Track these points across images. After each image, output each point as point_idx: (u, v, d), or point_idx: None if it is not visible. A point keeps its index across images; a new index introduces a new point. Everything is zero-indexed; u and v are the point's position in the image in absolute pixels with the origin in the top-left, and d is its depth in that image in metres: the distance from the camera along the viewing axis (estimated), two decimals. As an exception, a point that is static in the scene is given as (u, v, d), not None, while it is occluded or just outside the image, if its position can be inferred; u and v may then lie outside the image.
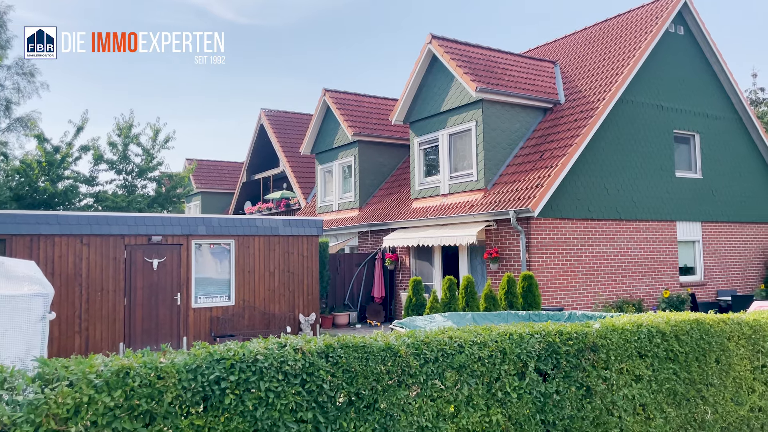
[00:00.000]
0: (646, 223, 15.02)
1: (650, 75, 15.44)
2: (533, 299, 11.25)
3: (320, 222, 14.81)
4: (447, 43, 16.14)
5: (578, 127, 14.00)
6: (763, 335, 5.82)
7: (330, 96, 20.34)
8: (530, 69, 16.93)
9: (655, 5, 16.56)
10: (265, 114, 26.48)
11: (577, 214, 13.80)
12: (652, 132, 15.33)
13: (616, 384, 4.74)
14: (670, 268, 15.35)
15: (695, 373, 5.22)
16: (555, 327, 4.66)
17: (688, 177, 15.97)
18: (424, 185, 16.57)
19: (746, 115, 17.24)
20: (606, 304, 13.99)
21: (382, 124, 20.05)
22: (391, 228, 17.20)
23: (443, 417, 3.95)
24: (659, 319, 5.18)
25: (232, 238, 13.52)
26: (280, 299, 13.97)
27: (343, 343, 3.65)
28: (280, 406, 3.36)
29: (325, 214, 20.87)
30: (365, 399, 3.65)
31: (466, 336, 4.24)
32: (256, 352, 3.38)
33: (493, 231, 14.02)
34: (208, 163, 34.00)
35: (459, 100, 15.35)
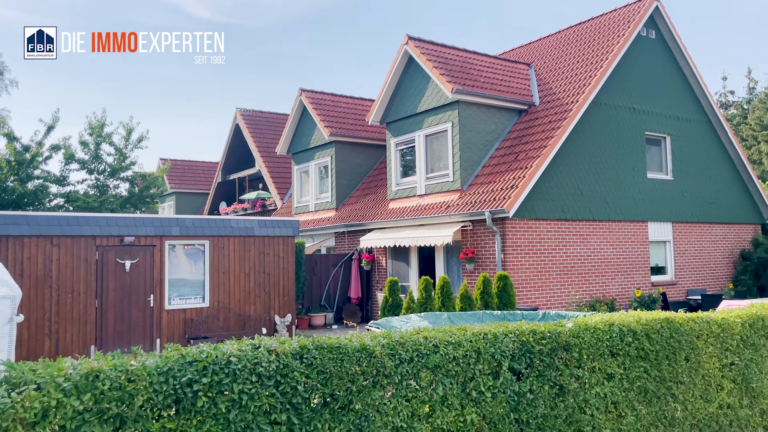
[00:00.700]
0: (619, 223, 15.26)
1: (623, 78, 15.69)
2: (508, 299, 11.34)
3: (296, 222, 14.74)
4: (423, 44, 16.20)
5: (552, 128, 14.16)
6: (731, 334, 5.95)
7: (306, 96, 20.26)
8: (505, 71, 17.07)
9: (627, 9, 16.84)
10: (240, 114, 26.28)
11: (551, 214, 13.96)
12: (624, 134, 15.57)
13: (588, 382, 4.80)
14: (642, 268, 15.61)
15: (665, 371, 5.31)
16: (529, 326, 4.70)
17: (659, 178, 16.26)
18: (401, 186, 16.60)
19: (716, 117, 17.61)
20: (579, 303, 14.17)
21: (359, 124, 20.04)
22: (368, 228, 17.20)
23: (418, 417, 3.96)
24: (630, 318, 5.26)
25: (207, 239, 13.38)
26: (256, 300, 13.86)
27: (317, 344, 3.63)
28: (254, 408, 3.33)
29: (302, 215, 20.78)
30: (340, 400, 3.64)
31: (440, 336, 4.25)
32: (230, 354, 3.34)
33: (469, 231, 14.11)
34: (183, 163, 33.61)
35: (435, 101, 15.41)
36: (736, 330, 5.98)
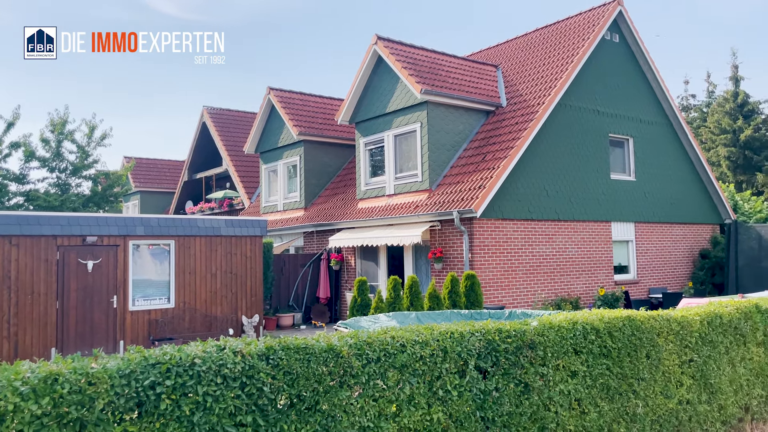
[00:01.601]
0: (583, 223, 15.54)
1: (587, 81, 15.99)
2: (476, 298, 11.44)
3: (264, 222, 14.62)
4: (392, 44, 16.23)
5: (519, 130, 14.34)
6: (690, 331, 6.11)
7: (275, 95, 20.11)
8: (473, 72, 17.23)
9: (592, 13, 17.16)
10: (207, 111, 25.92)
11: (518, 214, 14.14)
12: (588, 136, 15.86)
13: (552, 380, 4.88)
14: (606, 267, 15.93)
15: (627, 368, 5.43)
16: (495, 325, 4.76)
17: (622, 179, 16.62)
18: (370, 186, 16.61)
19: (677, 120, 18.07)
20: (545, 302, 14.39)
21: (328, 123, 19.98)
22: (337, 228, 17.16)
23: (385, 416, 3.97)
24: (593, 317, 5.37)
25: (172, 239, 13.17)
26: (223, 301, 13.70)
27: (284, 344, 3.61)
28: (219, 410, 3.30)
29: (270, 215, 20.61)
30: (307, 401, 3.62)
31: (408, 335, 4.27)
32: (194, 355, 3.30)
33: (438, 231, 14.20)
34: (148, 162, 33.01)
35: (404, 102, 15.46)
36: (695, 327, 6.15)
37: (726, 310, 6.60)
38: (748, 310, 6.81)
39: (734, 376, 6.46)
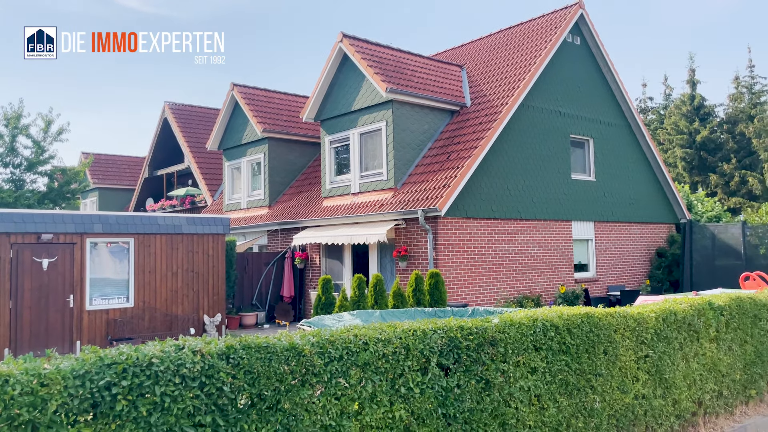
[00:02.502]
0: (545, 222, 15.80)
1: (549, 82, 16.25)
2: (440, 296, 11.52)
3: (227, 220, 14.43)
4: (358, 42, 16.21)
5: (483, 129, 14.49)
6: (645, 327, 6.27)
7: (238, 91, 19.85)
8: (438, 72, 17.33)
9: (554, 15, 17.44)
10: (169, 107, 25.44)
11: (482, 213, 14.29)
12: (550, 136, 16.14)
13: (513, 376, 4.95)
14: (566, 265, 16.24)
15: (585, 364, 5.54)
16: (457, 322, 4.79)
17: (582, 179, 16.96)
18: (335, 184, 16.55)
19: (635, 122, 18.53)
20: (507, 299, 14.58)
21: (293, 121, 19.83)
22: (302, 226, 17.05)
23: (347, 415, 3.96)
24: (553, 314, 5.46)
25: (132, 237, 12.89)
26: (184, 300, 13.48)
27: (244, 343, 3.57)
28: (177, 411, 3.24)
29: (233, 212, 20.36)
30: (268, 400, 3.59)
31: (371, 333, 4.27)
32: (151, 355, 3.24)
33: (403, 230, 14.24)
34: (107, 158, 32.22)
35: (370, 100, 15.46)
36: (650, 324, 6.31)
37: (680, 307, 6.79)
38: (702, 307, 7.02)
39: (688, 371, 6.66)
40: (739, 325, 7.48)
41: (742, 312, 7.56)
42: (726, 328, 7.29)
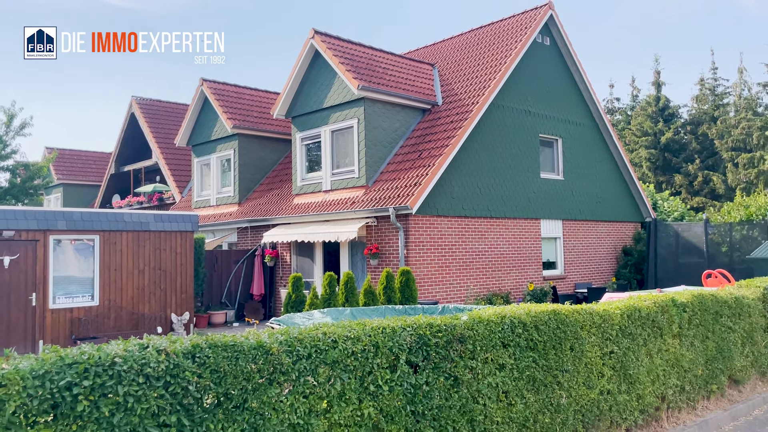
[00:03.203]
0: (514, 220, 15.97)
1: (520, 82, 16.42)
2: (410, 293, 11.55)
3: (195, 217, 14.23)
4: (330, 39, 16.13)
5: (454, 128, 14.57)
6: (611, 324, 6.39)
7: (208, 86, 19.58)
8: (410, 70, 17.36)
9: (524, 16, 17.62)
10: (136, 102, 24.97)
11: (452, 211, 14.37)
12: (520, 135, 16.30)
13: (481, 373, 4.99)
14: (535, 263, 16.44)
15: (552, 360, 5.62)
16: (426, 320, 4.81)
17: (551, 178, 17.18)
18: (306, 181, 16.46)
19: (602, 122, 18.85)
20: (477, 297, 14.71)
21: (264, 117, 19.65)
22: (272, 224, 16.92)
23: (316, 413, 3.95)
24: (521, 311, 5.52)
25: (97, 234, 12.61)
26: (151, 298, 13.25)
27: (211, 342, 3.52)
28: (141, 411, 3.18)
29: (202, 209, 20.09)
30: (234, 399, 3.55)
31: (340, 331, 4.26)
32: (114, 354, 3.17)
33: (374, 227, 14.24)
34: (72, 153, 31.47)
35: (341, 97, 15.40)
36: (615, 320, 6.43)
37: (644, 303, 6.93)
38: (665, 304, 7.18)
39: (651, 366, 6.80)
40: (701, 322, 7.67)
41: (704, 309, 7.76)
42: (688, 325, 7.46)
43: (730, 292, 8.53)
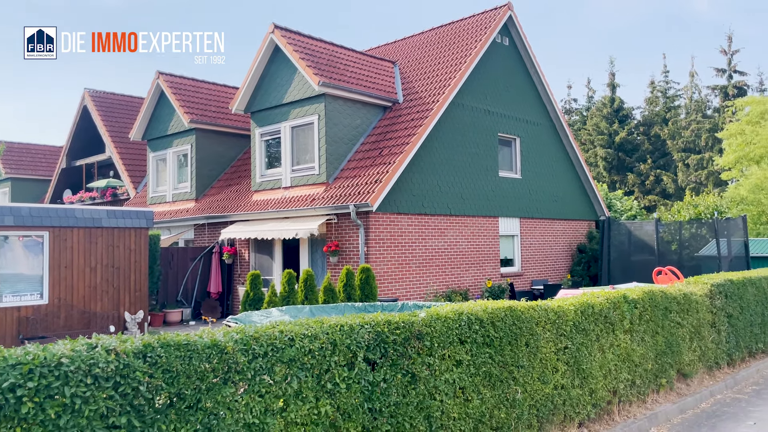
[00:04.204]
0: (473, 218, 16.14)
1: (479, 81, 16.59)
2: (370, 291, 11.55)
3: (150, 213, 13.90)
4: (290, 34, 15.97)
5: (415, 126, 14.63)
6: (565, 320, 6.52)
7: (164, 79, 19.14)
8: (371, 67, 17.34)
9: (484, 16, 17.81)
10: (89, 94, 24.22)
11: (413, 209, 14.43)
12: (479, 134, 16.48)
13: (438, 369, 5.02)
14: (493, 260, 16.66)
15: (508, 356, 5.70)
16: (384, 317, 4.81)
17: (509, 177, 17.43)
18: (266, 177, 16.27)
19: (559, 122, 19.22)
20: (437, 294, 14.82)
21: (222, 112, 19.32)
22: (230, 221, 16.67)
23: (272, 412, 3.90)
24: (478, 308, 5.58)
25: (46, 230, 12.19)
26: (103, 296, 12.89)
27: (163, 341, 3.44)
28: (89, 413, 3.09)
29: (158, 205, 19.64)
30: (187, 399, 3.48)
31: (297, 329, 4.22)
32: (61, 355, 3.06)
33: (334, 225, 14.18)
34: (20, 146, 30.33)
35: (302, 93, 15.27)
36: (569, 317, 6.56)
37: (597, 300, 7.10)
38: (617, 300, 7.37)
39: (604, 361, 6.97)
40: (651, 318, 7.90)
41: (654, 305, 7.99)
42: (639, 320, 7.68)
43: (679, 288, 8.81)
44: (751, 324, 10.46)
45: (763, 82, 36.82)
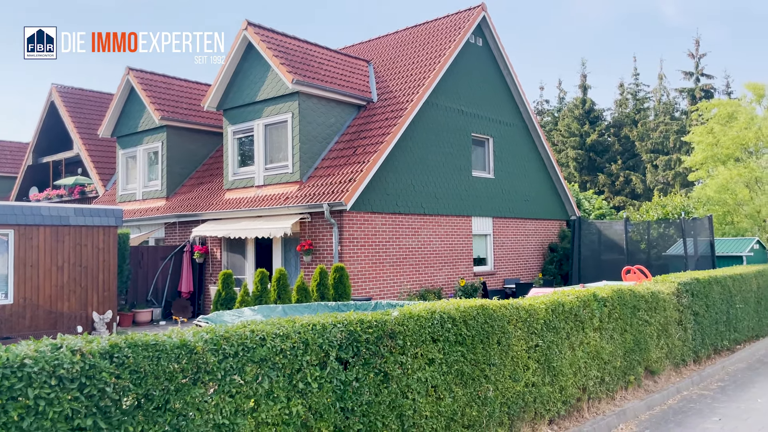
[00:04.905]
0: (447, 218, 16.22)
1: (453, 81, 16.67)
2: (344, 290, 11.53)
3: (119, 211, 13.65)
4: (263, 31, 15.84)
5: (389, 125, 14.64)
6: (536, 318, 6.59)
7: (135, 75, 18.82)
8: (346, 66, 17.30)
9: (458, 16, 17.91)
10: (57, 90, 23.70)
11: (387, 208, 14.44)
12: (453, 134, 16.57)
13: (411, 368, 5.03)
14: (466, 259, 16.77)
15: (480, 354, 5.73)
16: (357, 316, 4.80)
17: (482, 177, 17.56)
18: (238, 176, 16.11)
19: (532, 123, 19.42)
20: (410, 293, 14.85)
21: (194, 109, 19.07)
22: (202, 219, 16.47)
23: (242, 412, 3.86)
24: (450, 306, 5.60)
25: (11, 228, 11.88)
26: (71, 296, 12.62)
27: (130, 342, 3.38)
28: (53, 415, 3.01)
29: (127, 204, 19.31)
30: (155, 400, 3.42)
31: (268, 329, 4.18)
32: (24, 355, 2.98)
33: (308, 224, 14.11)
34: (-16, 142, 29.56)
35: (275, 91, 15.16)
36: (540, 315, 6.63)
37: (568, 298, 7.19)
38: (587, 299, 7.48)
39: (574, 359, 7.07)
40: (620, 315, 8.04)
41: (623, 303, 8.13)
42: (608, 318, 7.80)
43: (647, 287, 8.97)
44: (717, 322, 10.72)
45: (730, 84, 37.77)
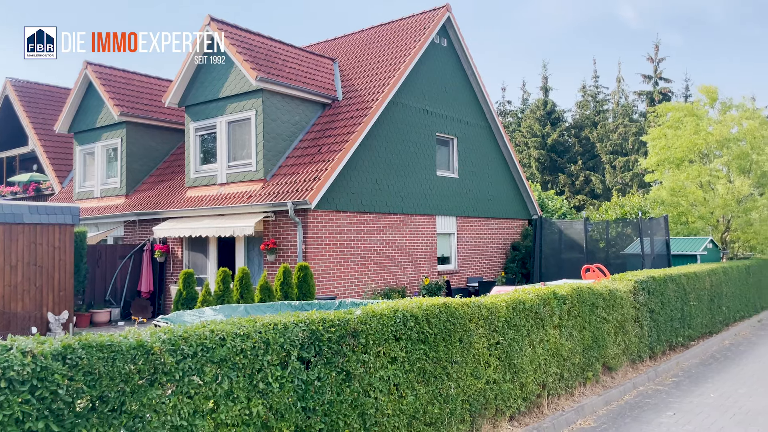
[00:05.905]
0: (411, 216, 16.29)
1: (418, 81, 16.75)
2: (308, 289, 11.47)
3: (76, 209, 13.29)
4: (227, 27, 15.63)
5: (354, 124, 14.62)
6: (497, 316, 6.67)
7: (93, 70, 18.33)
8: (310, 64, 17.20)
9: (423, 16, 18.00)
10: (11, 83, 22.93)
11: (352, 207, 14.42)
12: (418, 133, 16.65)
13: (373, 367, 5.03)
14: (430, 258, 16.88)
15: (442, 352, 5.78)
16: (320, 315, 4.78)
17: (446, 176, 17.70)
18: (200, 173, 15.86)
19: (495, 124, 19.65)
20: (375, 292, 14.87)
21: (155, 105, 18.69)
22: (163, 217, 16.16)
23: (201, 413, 3.81)
24: (413, 305, 5.63)
25: (-39, 226, 11.45)
26: (24, 296, 12.23)
27: (84, 342, 3.29)
28: (3, 418, 2.92)
29: (85, 201, 18.81)
30: (111, 402, 3.34)
31: (229, 328, 4.13)
32: (-29, 358, 2.88)
33: (272, 222, 13.99)
34: (-67, 136, 28.34)
35: (239, 88, 14.98)
36: (501, 313, 6.72)
37: (528, 296, 7.30)
38: (547, 297, 7.61)
39: (534, 356, 7.19)
40: (579, 313, 8.20)
41: (582, 301, 8.30)
42: (568, 316, 7.95)
43: (605, 285, 9.18)
44: (672, 319, 11.04)
45: (689, 88, 38.89)
